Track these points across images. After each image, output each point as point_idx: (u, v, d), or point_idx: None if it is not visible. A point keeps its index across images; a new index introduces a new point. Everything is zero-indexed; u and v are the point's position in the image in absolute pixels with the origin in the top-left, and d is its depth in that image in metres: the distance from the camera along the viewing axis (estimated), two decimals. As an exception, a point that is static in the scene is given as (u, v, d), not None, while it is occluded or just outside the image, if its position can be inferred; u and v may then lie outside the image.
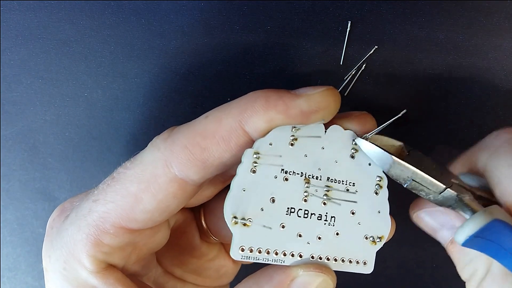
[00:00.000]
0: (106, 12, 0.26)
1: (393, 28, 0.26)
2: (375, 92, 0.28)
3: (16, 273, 0.32)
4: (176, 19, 0.26)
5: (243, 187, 0.19)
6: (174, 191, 0.20)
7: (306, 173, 0.20)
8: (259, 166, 0.19)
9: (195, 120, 0.20)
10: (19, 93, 0.28)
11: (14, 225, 0.31)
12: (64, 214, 0.22)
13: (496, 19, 0.26)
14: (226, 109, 0.20)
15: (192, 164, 0.19)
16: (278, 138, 0.20)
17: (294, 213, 0.20)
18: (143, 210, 0.20)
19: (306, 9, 0.26)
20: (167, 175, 0.19)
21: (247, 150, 0.19)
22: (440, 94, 0.28)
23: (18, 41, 0.27)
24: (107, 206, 0.20)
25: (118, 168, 0.21)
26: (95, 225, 0.20)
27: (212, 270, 0.27)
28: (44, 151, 0.30)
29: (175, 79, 0.28)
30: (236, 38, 0.26)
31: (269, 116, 0.19)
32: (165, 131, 0.21)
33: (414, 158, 0.21)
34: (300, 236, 0.20)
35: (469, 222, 0.19)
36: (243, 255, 0.19)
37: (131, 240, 0.21)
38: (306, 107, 0.19)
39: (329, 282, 0.20)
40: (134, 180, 0.20)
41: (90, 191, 0.22)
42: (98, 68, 0.27)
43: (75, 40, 0.27)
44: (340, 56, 0.27)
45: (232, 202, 0.19)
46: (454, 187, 0.20)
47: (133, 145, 0.29)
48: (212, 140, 0.19)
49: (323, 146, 0.21)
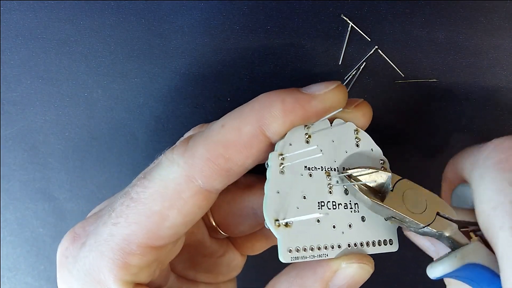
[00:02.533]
0: (106, 12, 0.26)
1: (393, 28, 0.26)
2: (375, 92, 0.28)
3: (16, 273, 0.32)
4: (176, 19, 0.26)
5: (276, 190, 0.20)
6: (199, 203, 0.20)
7: (325, 166, 0.21)
8: (285, 167, 0.20)
9: (210, 130, 0.20)
10: (19, 93, 0.28)
11: (14, 225, 0.31)
12: (78, 241, 0.21)
13: (496, 19, 0.26)
14: (242, 116, 0.20)
15: (216, 175, 0.20)
16: (296, 138, 0.20)
17: (324, 206, 0.21)
18: (169, 227, 0.20)
19: (306, 9, 0.26)
20: (192, 189, 0.20)
21: (271, 153, 0.20)
22: (440, 94, 0.28)
23: (18, 41, 0.27)
24: (131, 228, 0.20)
25: (132, 187, 0.21)
26: (120, 248, 0.20)
27: (223, 266, 0.27)
28: (44, 151, 0.30)
29: (175, 79, 0.28)
30: (236, 38, 0.26)
31: (288, 119, 0.19)
32: (179, 144, 0.21)
33: (398, 193, 0.21)
34: (335, 228, 0.21)
35: (441, 262, 0.19)
36: (292, 256, 0.19)
37: (156, 256, 0.21)
38: (321, 107, 0.20)
39: (368, 269, 0.21)
40: (157, 198, 0.20)
41: (103, 214, 0.21)
42: (98, 68, 0.27)
43: (75, 40, 0.27)
44: (340, 56, 0.27)
45: (271, 206, 0.19)
46: (437, 221, 0.21)
47: (133, 145, 0.29)
48: (235, 149, 0.19)
49: (332, 140, 0.22)
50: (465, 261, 0.19)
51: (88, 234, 0.21)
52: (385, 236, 0.22)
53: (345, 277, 0.20)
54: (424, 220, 0.20)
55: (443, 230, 0.21)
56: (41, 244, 0.32)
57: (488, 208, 0.18)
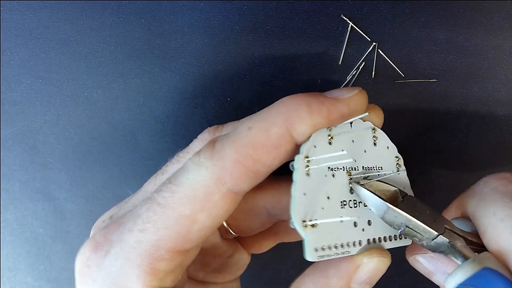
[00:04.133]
0: (106, 12, 0.26)
1: (393, 28, 0.26)
2: (375, 92, 0.28)
3: (16, 273, 0.32)
4: (176, 19, 0.26)
5: (303, 192, 0.20)
6: (227, 205, 0.20)
7: (347, 166, 0.22)
8: (311, 169, 0.21)
9: (237, 133, 0.20)
10: (19, 93, 0.28)
11: (14, 225, 0.31)
12: (101, 250, 0.21)
13: (496, 19, 0.26)
14: (269, 118, 0.20)
15: (246, 177, 0.20)
16: (319, 140, 0.21)
17: (346, 205, 0.21)
18: (199, 230, 0.20)
19: (306, 9, 0.26)
20: (221, 191, 0.20)
21: (297, 156, 0.20)
22: (440, 94, 0.28)
23: (18, 41, 0.27)
24: (160, 233, 0.20)
25: (158, 192, 0.21)
26: (149, 254, 0.20)
27: (232, 266, 0.27)
28: (44, 151, 0.30)
29: (175, 79, 0.28)
30: (236, 38, 0.26)
31: (313, 121, 0.20)
32: (205, 148, 0.21)
33: (408, 205, 0.21)
34: (356, 225, 0.21)
35: (458, 270, 0.20)
36: (318, 255, 0.20)
37: (182, 260, 0.21)
38: (346, 111, 0.21)
39: (387, 262, 0.22)
40: (187, 202, 0.20)
41: (126, 221, 0.21)
42: (98, 68, 0.27)
43: (75, 40, 0.27)
44: (340, 56, 0.27)
45: (298, 207, 0.20)
46: (447, 233, 0.21)
47: (133, 145, 0.29)
48: (263, 150, 0.20)
49: (352, 140, 0.22)
50: (483, 264, 0.19)
51: (112, 243, 0.21)
52: None
53: (368, 271, 0.21)
54: (437, 230, 0.21)
55: (454, 241, 0.21)
56: (41, 244, 0.32)
57: (496, 221, 0.19)
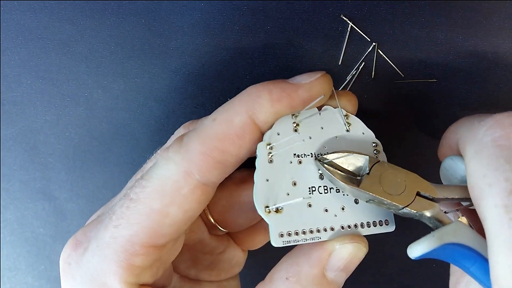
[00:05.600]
0: (106, 12, 0.26)
1: (393, 28, 0.26)
2: (375, 92, 0.28)
3: (16, 273, 0.32)
4: (176, 19, 0.26)
5: (265, 178, 0.20)
6: (198, 198, 0.20)
7: (315, 152, 0.22)
8: (274, 155, 0.21)
9: (203, 125, 0.20)
10: (19, 93, 0.28)
11: (14, 225, 0.31)
12: (80, 247, 0.21)
13: (496, 19, 0.26)
14: (232, 108, 0.20)
15: (213, 168, 0.20)
16: (283, 127, 0.21)
17: (315, 191, 0.21)
18: (171, 224, 0.20)
19: (306, 9, 0.26)
20: (190, 184, 0.20)
21: (259, 143, 0.21)
22: (440, 94, 0.28)
23: (18, 41, 0.27)
24: (133, 229, 0.20)
25: (131, 188, 0.21)
26: (124, 250, 0.20)
27: (225, 262, 0.27)
28: (45, 151, 0.30)
29: (175, 79, 0.28)
30: (236, 38, 0.26)
31: (275, 109, 0.20)
32: (173, 143, 0.21)
33: (374, 176, 0.21)
34: (327, 211, 0.21)
35: (419, 242, 0.19)
36: (283, 240, 0.20)
37: (159, 255, 0.21)
38: (308, 96, 0.21)
39: (362, 248, 0.21)
40: (156, 197, 0.20)
41: (103, 218, 0.21)
42: (98, 68, 0.27)
43: (75, 40, 0.27)
44: (340, 56, 0.27)
45: (260, 193, 0.20)
46: (416, 203, 0.20)
47: (133, 145, 0.29)
48: (228, 140, 0.20)
49: (322, 126, 0.22)
50: (444, 240, 0.19)
51: (90, 240, 0.21)
52: (380, 217, 0.22)
53: (341, 258, 0.21)
54: (403, 201, 0.20)
55: (423, 211, 0.20)
56: (41, 244, 0.32)
57: (483, 184, 0.17)
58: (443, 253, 0.19)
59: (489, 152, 0.18)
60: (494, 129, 0.18)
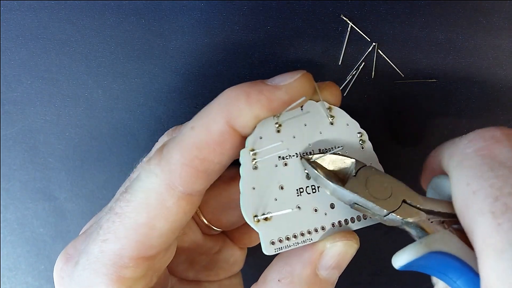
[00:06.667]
0: (106, 12, 0.26)
1: (393, 28, 0.26)
2: (375, 92, 0.28)
3: (16, 273, 0.32)
4: (176, 19, 0.26)
5: (251, 186, 0.20)
6: (183, 208, 0.20)
7: (300, 152, 0.21)
8: (258, 161, 0.20)
9: (182, 134, 0.20)
10: (19, 93, 0.28)
11: (14, 225, 0.31)
12: (71, 261, 0.21)
13: (496, 19, 0.26)
14: (209, 115, 0.20)
15: (195, 178, 0.20)
16: (265, 130, 0.20)
17: (303, 192, 0.21)
18: (158, 236, 0.20)
19: (306, 9, 0.26)
20: (174, 196, 0.20)
21: (242, 150, 0.20)
22: (440, 94, 0.28)
23: (18, 41, 0.27)
24: (120, 243, 0.20)
25: (116, 202, 0.21)
26: (112, 263, 0.20)
27: (222, 262, 0.27)
28: (45, 151, 0.30)
29: (175, 79, 0.28)
30: (236, 38, 0.26)
31: (254, 112, 0.19)
32: (154, 154, 0.21)
33: (360, 179, 0.20)
34: (316, 211, 0.21)
35: (404, 250, 0.18)
36: (275, 248, 0.19)
37: (150, 266, 0.21)
38: (287, 97, 0.20)
39: (353, 245, 0.21)
40: (141, 211, 0.20)
41: (92, 231, 0.21)
42: (99, 68, 0.27)
43: (75, 40, 0.27)
44: (340, 56, 0.27)
45: (247, 203, 0.19)
46: (402, 209, 0.20)
47: (133, 145, 0.29)
48: (208, 149, 0.19)
49: (305, 123, 0.21)
50: (430, 248, 0.18)
51: (80, 253, 0.21)
52: None
53: (332, 256, 0.20)
54: (388, 207, 0.20)
55: (409, 218, 0.20)
56: (41, 244, 0.32)
57: (468, 192, 0.17)
58: (429, 263, 0.18)
59: (472, 161, 0.18)
60: (476, 141, 0.19)
